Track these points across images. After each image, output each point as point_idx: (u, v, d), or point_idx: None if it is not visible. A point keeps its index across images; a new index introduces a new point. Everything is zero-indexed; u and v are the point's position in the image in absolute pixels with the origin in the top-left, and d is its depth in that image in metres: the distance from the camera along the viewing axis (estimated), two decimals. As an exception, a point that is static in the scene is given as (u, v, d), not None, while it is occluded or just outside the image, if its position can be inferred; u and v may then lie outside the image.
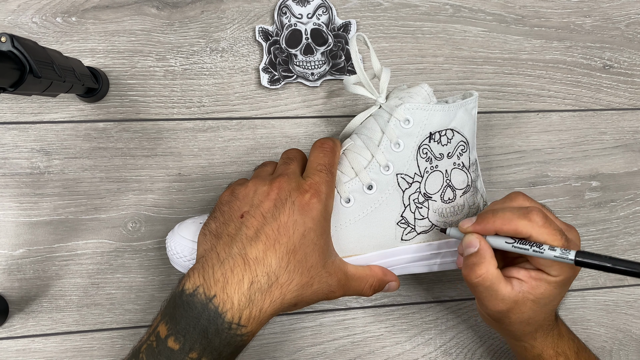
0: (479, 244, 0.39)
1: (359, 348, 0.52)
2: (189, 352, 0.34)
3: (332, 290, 0.39)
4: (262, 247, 0.36)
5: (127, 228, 0.49)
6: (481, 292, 0.40)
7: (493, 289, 0.39)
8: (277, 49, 0.50)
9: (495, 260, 0.39)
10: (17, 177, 0.48)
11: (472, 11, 0.54)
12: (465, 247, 0.40)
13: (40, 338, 0.48)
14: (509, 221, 0.38)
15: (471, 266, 0.39)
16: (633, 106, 0.57)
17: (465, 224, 0.40)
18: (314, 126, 0.52)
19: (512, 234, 0.38)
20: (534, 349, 0.43)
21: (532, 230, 0.37)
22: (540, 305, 0.40)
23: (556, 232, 0.37)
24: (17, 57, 0.33)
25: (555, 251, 0.36)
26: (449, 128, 0.43)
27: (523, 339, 0.43)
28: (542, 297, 0.39)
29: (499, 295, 0.39)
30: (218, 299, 0.34)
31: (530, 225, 0.37)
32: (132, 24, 0.49)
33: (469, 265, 0.39)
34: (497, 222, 0.38)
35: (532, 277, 0.39)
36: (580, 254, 0.36)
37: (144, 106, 0.50)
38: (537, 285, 0.39)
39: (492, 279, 0.39)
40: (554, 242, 0.37)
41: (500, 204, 0.42)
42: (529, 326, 0.41)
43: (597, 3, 0.57)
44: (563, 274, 0.39)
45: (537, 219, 0.37)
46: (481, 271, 0.39)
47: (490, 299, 0.40)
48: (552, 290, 0.39)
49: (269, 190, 0.38)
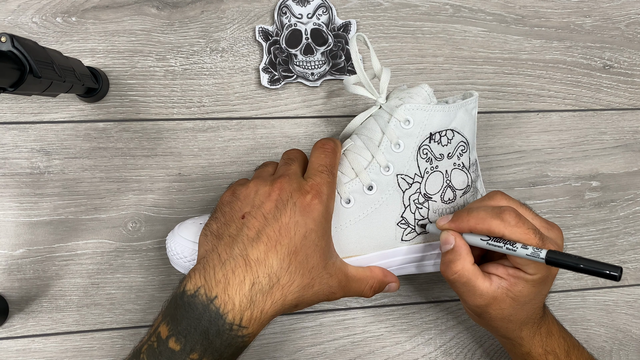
0: (454, 241, 0.40)
1: (359, 348, 0.52)
2: (190, 353, 0.34)
3: (332, 291, 0.39)
4: (264, 248, 0.36)
5: (127, 228, 0.49)
6: (459, 287, 0.41)
7: (470, 284, 0.40)
8: (277, 49, 0.50)
9: (471, 256, 0.40)
10: (17, 177, 0.48)
11: (472, 11, 0.54)
12: (442, 244, 0.41)
13: (40, 338, 0.48)
14: (482, 220, 0.39)
15: (447, 263, 0.40)
16: (633, 106, 0.57)
17: (442, 221, 0.41)
18: (314, 126, 0.52)
19: (485, 232, 0.39)
20: (522, 347, 0.44)
21: (504, 229, 0.38)
22: (519, 303, 0.40)
23: (529, 231, 0.38)
24: (17, 57, 0.33)
25: (528, 249, 0.37)
26: (449, 128, 0.43)
27: (509, 335, 0.43)
28: (520, 295, 0.40)
29: (477, 291, 0.40)
30: (219, 300, 0.34)
31: (503, 225, 0.38)
32: (132, 24, 0.49)
33: (445, 262, 0.40)
34: (471, 220, 0.39)
35: (510, 274, 0.40)
36: (551, 253, 0.36)
37: (144, 106, 0.49)
38: (515, 282, 0.40)
39: (468, 275, 0.40)
40: (527, 240, 0.37)
41: (479, 202, 0.42)
42: (511, 323, 0.42)
43: (597, 3, 0.57)
44: (539, 272, 0.39)
45: (510, 218, 0.38)
46: (457, 267, 0.40)
47: (468, 295, 0.40)
48: (530, 289, 0.40)
49: (270, 191, 0.38)
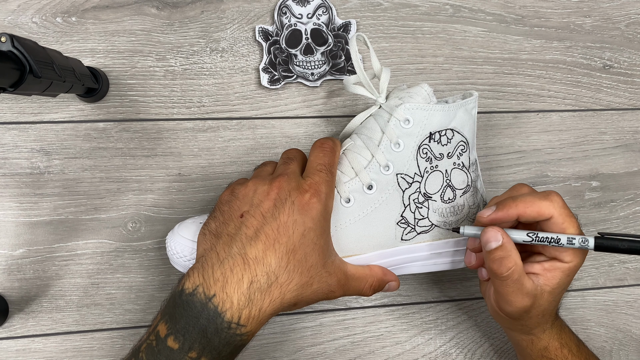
0: (502, 237, 0.38)
1: (359, 348, 0.52)
2: (189, 352, 0.34)
3: (331, 290, 0.39)
4: (262, 247, 0.36)
5: (127, 228, 0.49)
6: (509, 285, 0.39)
7: (520, 282, 0.38)
8: (277, 49, 0.50)
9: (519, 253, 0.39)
10: (17, 177, 0.48)
11: (472, 11, 0.54)
12: (486, 241, 0.38)
13: (40, 338, 0.48)
14: (532, 203, 0.38)
15: (499, 260, 0.38)
16: (633, 106, 0.57)
17: (485, 213, 0.39)
18: (314, 126, 0.52)
19: (534, 215, 0.38)
20: (540, 341, 0.43)
21: (554, 210, 0.37)
22: (554, 295, 0.40)
23: (572, 216, 0.38)
24: (17, 57, 0.33)
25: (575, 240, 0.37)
26: (449, 128, 0.43)
27: (533, 332, 0.43)
28: (557, 287, 0.40)
29: (524, 289, 0.39)
30: (217, 299, 0.34)
31: (552, 205, 0.37)
32: (132, 24, 0.50)
33: (496, 260, 0.38)
34: (520, 205, 0.38)
35: (546, 269, 0.39)
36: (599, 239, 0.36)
37: (144, 106, 0.50)
38: (552, 276, 0.39)
39: (520, 272, 0.38)
40: (572, 225, 0.37)
41: (512, 192, 0.42)
42: (543, 318, 0.42)
43: (597, 3, 0.57)
44: (575, 259, 0.39)
45: (557, 199, 0.38)
46: (510, 264, 0.38)
47: (515, 294, 0.39)
48: (566, 279, 0.40)
49: (269, 190, 0.38)
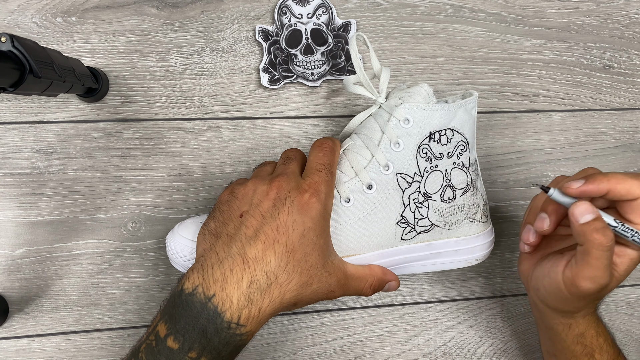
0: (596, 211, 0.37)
1: (359, 348, 0.52)
2: (188, 352, 0.34)
3: (331, 289, 0.39)
4: (261, 247, 0.36)
5: (127, 228, 0.49)
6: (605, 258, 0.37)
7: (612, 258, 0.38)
8: (277, 49, 0.50)
9: None
10: (17, 177, 0.48)
11: (472, 11, 0.54)
12: (584, 211, 0.37)
13: (40, 338, 0.48)
14: (624, 181, 0.37)
15: (603, 229, 0.37)
16: (633, 106, 0.57)
17: (574, 185, 0.38)
18: (314, 126, 0.52)
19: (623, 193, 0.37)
20: (579, 326, 0.43)
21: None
22: (617, 281, 0.40)
23: None
24: (17, 57, 0.33)
25: None
26: (449, 128, 0.43)
27: (575, 316, 0.42)
28: (623, 273, 0.39)
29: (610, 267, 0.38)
30: (217, 299, 0.34)
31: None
32: (132, 24, 0.50)
33: (599, 229, 0.37)
34: (612, 180, 0.37)
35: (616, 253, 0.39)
36: None
37: (144, 106, 0.50)
38: (620, 262, 0.39)
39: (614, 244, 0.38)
40: None
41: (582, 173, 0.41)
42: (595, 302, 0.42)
43: (597, 3, 0.57)
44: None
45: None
46: (612, 234, 0.37)
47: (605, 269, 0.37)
48: (632, 267, 0.39)
49: (268, 189, 0.38)
